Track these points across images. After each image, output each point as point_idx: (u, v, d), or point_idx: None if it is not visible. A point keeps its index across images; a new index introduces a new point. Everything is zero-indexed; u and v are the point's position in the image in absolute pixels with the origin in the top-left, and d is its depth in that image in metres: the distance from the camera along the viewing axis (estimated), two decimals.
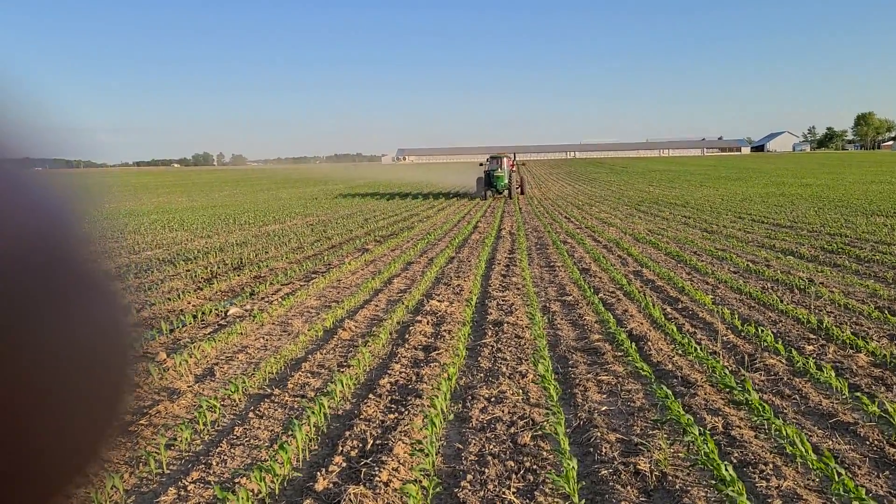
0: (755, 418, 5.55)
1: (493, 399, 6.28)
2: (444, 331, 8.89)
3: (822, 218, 22.85)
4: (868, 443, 5.15)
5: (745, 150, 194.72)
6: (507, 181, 38.55)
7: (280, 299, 11.13)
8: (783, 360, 7.23)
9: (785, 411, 5.83)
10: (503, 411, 5.95)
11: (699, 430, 4.93)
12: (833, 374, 6.43)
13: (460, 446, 5.29)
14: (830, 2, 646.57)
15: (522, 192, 41.96)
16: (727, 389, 6.17)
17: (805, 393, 6.24)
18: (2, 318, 0.33)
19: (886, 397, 6.10)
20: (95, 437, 0.38)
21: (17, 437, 0.34)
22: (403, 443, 5.16)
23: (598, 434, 5.36)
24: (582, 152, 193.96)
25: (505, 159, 40.13)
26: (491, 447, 5.21)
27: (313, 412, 5.57)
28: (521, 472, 4.81)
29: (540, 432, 5.32)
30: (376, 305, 10.78)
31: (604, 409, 6.00)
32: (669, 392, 5.72)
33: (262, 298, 11.44)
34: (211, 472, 4.90)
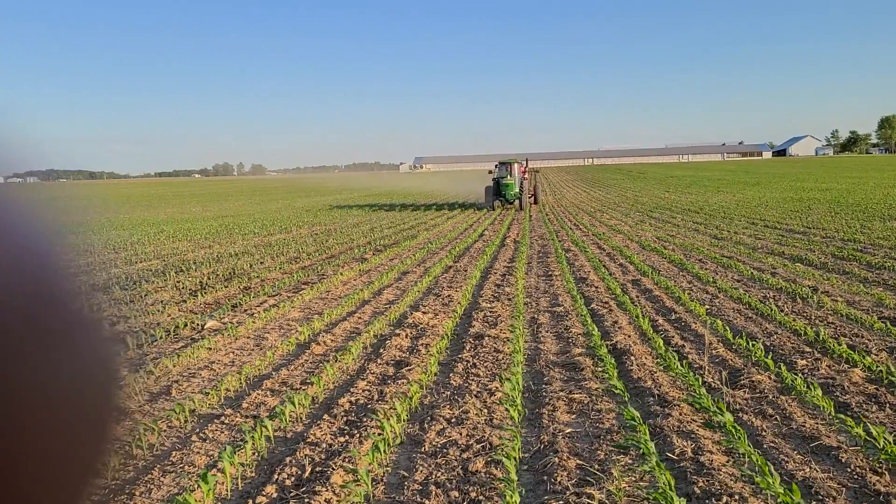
0: (730, 442, 5.12)
1: (453, 420, 5.89)
2: (422, 345, 8.51)
3: (836, 223, 22.23)
4: (849, 470, 4.70)
5: (767, 155, 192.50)
6: (517, 189, 35.05)
7: (263, 312, 10.81)
8: (771, 376, 6.78)
9: (763, 434, 5.38)
10: (461, 434, 5.56)
11: (657, 458, 4.51)
12: (819, 393, 5.97)
13: (406, 474, 4.91)
14: (854, 4, 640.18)
15: (536, 202, 38.52)
16: (706, 409, 5.74)
17: (789, 413, 5.79)
18: None
19: (877, 418, 5.64)
20: (77, 481, 0.38)
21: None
22: (344, 470, 4.78)
23: (557, 460, 4.95)
24: (601, 158, 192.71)
25: (515, 165, 36.04)
26: (438, 475, 4.83)
27: (252, 437, 5.22)
28: (465, 503, 4.42)
29: (495, 458, 4.92)
30: (359, 318, 10.43)
31: (569, 431, 5.59)
32: (637, 414, 5.31)
33: (245, 311, 11.13)
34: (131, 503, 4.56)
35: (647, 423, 5.69)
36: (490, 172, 36.88)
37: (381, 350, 8.31)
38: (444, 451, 5.24)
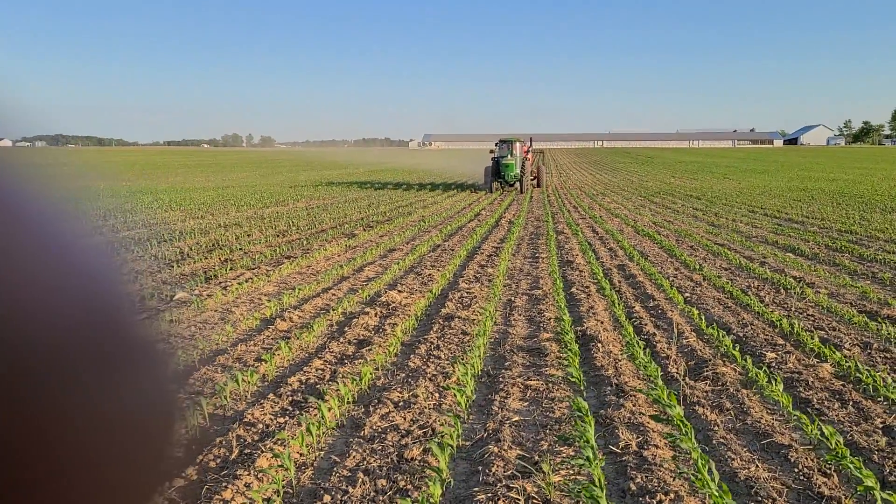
0: (678, 437, 4.92)
1: (401, 404, 5.72)
2: (389, 324, 8.33)
3: (836, 214, 21.92)
4: (796, 470, 4.51)
5: (778, 143, 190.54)
6: (518, 171, 32.33)
7: (237, 285, 10.64)
8: (737, 369, 6.58)
9: (715, 429, 5.19)
10: (405, 419, 5.38)
11: (596, 452, 4.31)
12: (781, 388, 5.77)
13: (338, 459, 4.74)
14: None
15: (539, 184, 35.51)
16: (659, 402, 5.54)
17: (746, 408, 5.59)
18: (44, 385, 0.33)
19: (836, 416, 5.43)
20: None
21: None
22: (272, 453, 4.61)
23: (496, 450, 4.77)
24: (611, 142, 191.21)
25: (517, 144, 33.25)
26: (371, 461, 4.65)
27: (184, 416, 5.05)
28: (391, 492, 4.25)
29: (432, 445, 4.73)
30: (334, 294, 10.25)
31: (517, 419, 5.40)
32: (586, 404, 5.10)
33: (219, 283, 10.97)
34: None
35: (599, 413, 5.51)
36: (491, 152, 34.19)
37: (347, 328, 8.13)
38: (383, 436, 5.06)
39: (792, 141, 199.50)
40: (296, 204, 27.51)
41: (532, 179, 34.53)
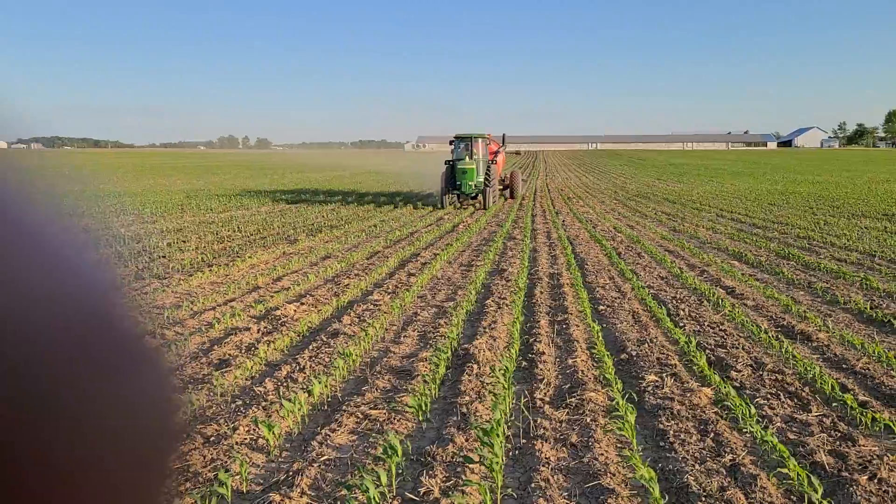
0: (492, 479, 4.39)
1: (213, 439, 5.17)
2: (266, 342, 7.80)
3: (803, 219, 21.41)
4: None
5: (772, 145, 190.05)
6: (480, 179, 24.81)
7: (136, 296, 10.09)
8: (609, 394, 6.05)
9: (541, 469, 4.65)
10: (206, 457, 4.85)
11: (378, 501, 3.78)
12: (633, 418, 5.24)
13: None
14: None
15: (513, 195, 28.34)
16: (485, 438, 5.01)
17: (593, 442, 5.06)
18: (41, 390, 0.32)
19: (687, 451, 4.91)
20: None
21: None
22: None
23: (278, 498, 4.23)
24: (605, 144, 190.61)
25: (480, 142, 25.45)
26: None
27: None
28: None
29: (195, 496, 4.19)
30: (232, 307, 9.71)
31: (331, 457, 4.86)
32: (396, 441, 4.58)
33: None
34: None
35: (425, 449, 4.98)
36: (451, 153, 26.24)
37: (216, 347, 7.60)
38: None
39: (786, 143, 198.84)
40: (261, 207, 26.95)
41: (503, 189, 28.14)
